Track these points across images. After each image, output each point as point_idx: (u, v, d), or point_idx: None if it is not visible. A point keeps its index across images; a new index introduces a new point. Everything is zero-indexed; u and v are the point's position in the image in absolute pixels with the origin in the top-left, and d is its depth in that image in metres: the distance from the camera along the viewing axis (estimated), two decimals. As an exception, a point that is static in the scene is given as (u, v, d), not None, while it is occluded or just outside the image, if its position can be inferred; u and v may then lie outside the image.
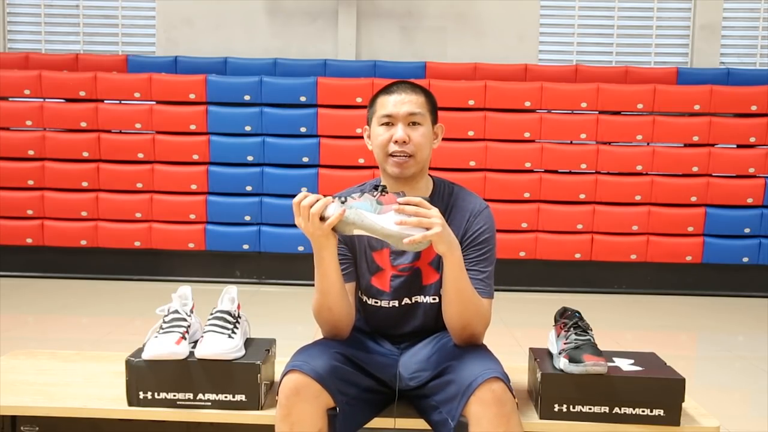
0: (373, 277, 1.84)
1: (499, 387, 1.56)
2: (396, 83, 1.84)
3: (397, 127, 1.76)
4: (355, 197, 1.60)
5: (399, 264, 1.83)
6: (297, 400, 1.58)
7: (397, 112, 1.76)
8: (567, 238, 5.49)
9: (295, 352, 1.71)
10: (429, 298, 1.83)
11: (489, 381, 1.56)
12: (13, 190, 5.56)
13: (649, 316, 4.97)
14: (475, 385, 1.56)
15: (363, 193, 1.61)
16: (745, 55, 6.52)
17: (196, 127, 5.58)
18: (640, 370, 1.78)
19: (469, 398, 1.56)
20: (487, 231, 1.79)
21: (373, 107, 1.83)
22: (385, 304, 1.85)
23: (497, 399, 1.55)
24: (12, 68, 5.83)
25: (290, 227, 5.48)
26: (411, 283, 1.83)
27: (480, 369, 1.59)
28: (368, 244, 1.83)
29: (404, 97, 1.77)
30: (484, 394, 1.55)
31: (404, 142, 1.75)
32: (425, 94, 1.82)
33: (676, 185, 5.52)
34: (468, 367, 1.62)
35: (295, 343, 1.81)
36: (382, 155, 1.79)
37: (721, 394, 3.34)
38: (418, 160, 1.77)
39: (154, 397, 1.77)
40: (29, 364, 2.09)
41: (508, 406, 1.56)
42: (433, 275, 1.83)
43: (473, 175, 5.46)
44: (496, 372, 1.59)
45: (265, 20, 6.46)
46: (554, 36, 6.55)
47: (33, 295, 5.10)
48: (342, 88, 5.61)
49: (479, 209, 1.82)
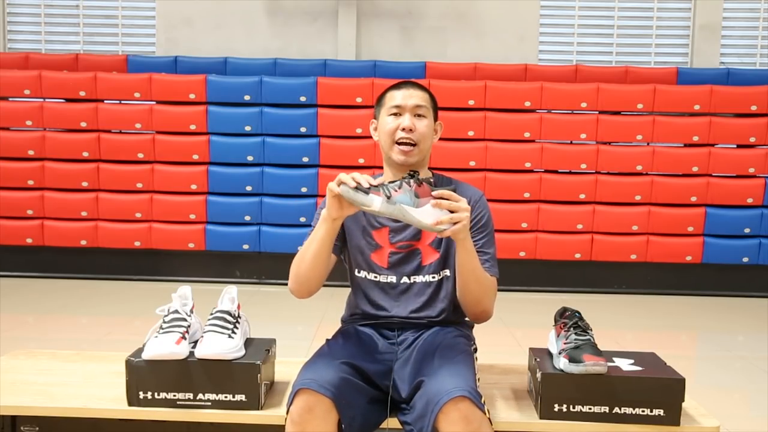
0: (373, 254, 1.95)
1: (464, 405, 1.57)
2: (403, 82, 2.01)
3: (405, 116, 1.92)
4: (396, 188, 1.68)
5: (397, 242, 1.94)
6: (310, 417, 1.60)
7: (406, 104, 1.93)
8: (567, 238, 5.50)
9: (302, 368, 1.72)
10: (429, 277, 1.92)
11: (455, 399, 1.57)
12: (13, 190, 5.56)
13: (649, 316, 4.97)
14: (441, 404, 1.57)
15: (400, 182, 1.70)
16: (745, 55, 6.52)
17: (196, 127, 5.58)
18: (640, 370, 1.78)
19: (437, 416, 1.57)
20: (486, 215, 1.95)
21: (381, 101, 1.99)
22: (383, 279, 1.93)
23: (463, 417, 1.56)
24: (12, 68, 5.83)
25: (290, 227, 5.48)
26: (410, 261, 1.93)
27: (449, 386, 1.60)
28: (368, 222, 1.95)
29: (412, 91, 1.95)
30: (450, 412, 1.56)
31: (410, 130, 1.90)
32: (429, 93, 2.00)
33: (676, 185, 5.52)
34: (437, 384, 1.63)
35: (295, 343, 1.82)
36: (389, 142, 1.93)
37: (721, 394, 3.34)
38: (421, 149, 1.92)
39: (154, 397, 1.77)
40: (29, 364, 2.09)
41: (475, 424, 1.56)
42: (433, 255, 1.93)
43: (473, 175, 5.46)
44: (463, 390, 1.59)
45: (265, 20, 6.46)
46: (554, 36, 6.55)
47: (33, 295, 5.10)
48: (342, 88, 5.61)
49: (477, 197, 1.96)
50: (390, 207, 1.67)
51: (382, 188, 1.69)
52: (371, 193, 1.67)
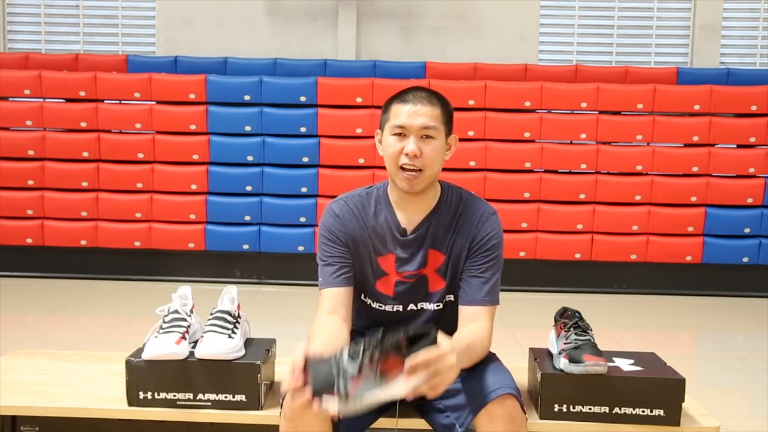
0: (378, 282, 1.82)
1: (511, 404, 1.57)
2: (413, 90, 1.75)
3: (410, 139, 1.70)
4: (355, 376, 1.32)
5: (405, 271, 1.80)
6: (304, 414, 1.57)
7: (411, 124, 1.70)
8: (567, 238, 5.49)
9: None
10: (434, 305, 1.81)
11: (503, 397, 1.56)
12: (13, 190, 5.56)
13: (649, 316, 4.97)
14: (488, 399, 1.56)
15: (360, 361, 1.33)
16: (745, 55, 6.52)
17: (196, 127, 5.58)
18: (640, 370, 1.78)
19: (480, 410, 1.56)
20: (494, 237, 1.78)
21: (386, 113, 1.76)
22: (389, 308, 1.83)
23: (509, 415, 1.56)
24: (12, 68, 5.83)
25: (290, 227, 5.48)
26: (416, 289, 1.81)
27: (496, 383, 1.60)
28: (373, 248, 1.81)
29: (419, 108, 1.70)
30: (496, 408, 1.55)
31: (415, 156, 1.69)
32: (441, 104, 1.75)
33: (676, 185, 5.52)
34: (483, 379, 1.62)
35: (295, 343, 1.81)
36: (393, 167, 1.74)
37: (721, 394, 3.34)
38: (428, 175, 1.73)
39: (154, 397, 1.77)
40: (29, 364, 2.09)
41: (518, 423, 1.56)
42: (440, 282, 1.81)
43: (473, 175, 5.46)
44: (511, 388, 1.59)
45: (265, 20, 6.46)
46: (554, 36, 6.55)
47: (33, 295, 5.10)
48: (342, 88, 5.61)
49: (487, 215, 1.80)
50: (351, 406, 1.31)
51: (338, 385, 1.31)
52: (325, 395, 1.31)
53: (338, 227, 1.80)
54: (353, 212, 1.82)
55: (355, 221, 1.81)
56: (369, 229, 1.80)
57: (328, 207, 1.84)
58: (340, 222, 1.81)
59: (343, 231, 1.80)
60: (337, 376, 1.32)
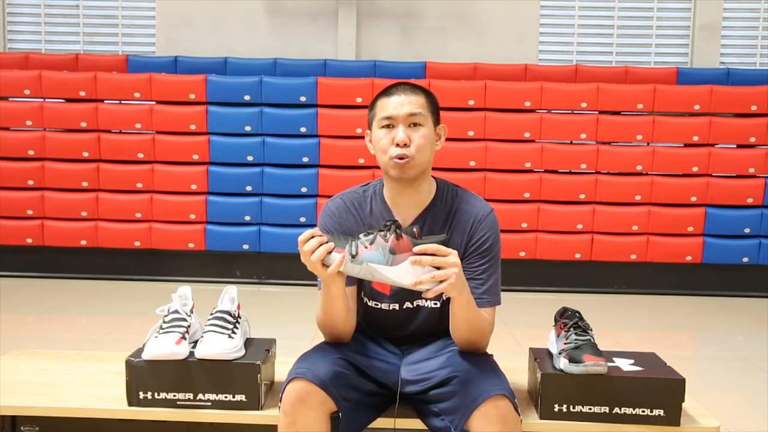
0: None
1: (504, 405, 1.56)
2: (395, 85, 1.79)
3: (398, 128, 1.72)
4: (366, 244, 1.51)
5: None
6: (302, 407, 1.57)
7: (397, 114, 1.72)
8: (567, 238, 5.49)
9: (298, 359, 1.70)
10: (430, 303, 1.80)
11: (495, 397, 1.56)
12: (13, 190, 5.56)
13: (649, 316, 4.97)
14: (480, 400, 1.56)
15: (374, 236, 1.52)
16: (745, 55, 6.52)
17: (196, 127, 5.58)
18: (640, 370, 1.78)
19: (473, 412, 1.56)
20: (491, 238, 1.78)
21: (373, 110, 1.79)
22: (386, 307, 1.83)
23: (501, 416, 1.55)
24: (12, 68, 5.83)
25: (290, 227, 5.48)
26: None
27: (487, 384, 1.59)
28: None
29: (404, 98, 1.73)
30: (488, 410, 1.55)
31: (405, 144, 1.71)
32: (425, 94, 1.78)
33: (676, 185, 5.52)
34: (475, 381, 1.61)
35: (295, 343, 1.82)
36: (384, 158, 1.75)
37: (721, 394, 3.34)
38: (419, 162, 1.73)
39: (154, 397, 1.77)
40: (29, 364, 2.09)
41: (511, 425, 1.56)
42: None
43: (473, 175, 5.46)
44: (503, 389, 1.59)
45: (265, 20, 6.46)
46: (554, 36, 6.55)
47: (33, 295, 5.10)
48: (342, 88, 5.61)
49: (483, 215, 1.79)
50: (355, 267, 1.48)
51: (350, 244, 1.52)
52: (335, 251, 1.50)
53: (335, 224, 1.81)
54: (349, 209, 1.83)
55: (352, 218, 1.82)
56: (365, 226, 1.80)
57: (325, 205, 1.86)
58: (337, 219, 1.82)
59: (339, 228, 1.80)
60: (350, 241, 1.53)
